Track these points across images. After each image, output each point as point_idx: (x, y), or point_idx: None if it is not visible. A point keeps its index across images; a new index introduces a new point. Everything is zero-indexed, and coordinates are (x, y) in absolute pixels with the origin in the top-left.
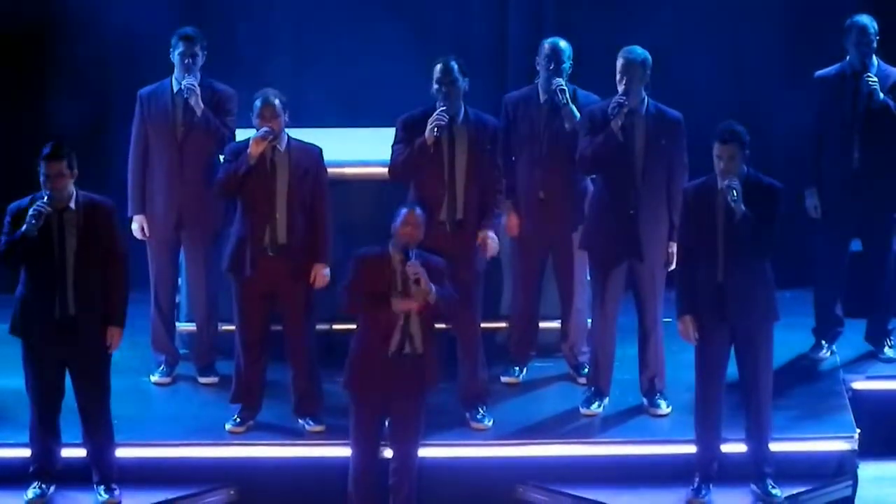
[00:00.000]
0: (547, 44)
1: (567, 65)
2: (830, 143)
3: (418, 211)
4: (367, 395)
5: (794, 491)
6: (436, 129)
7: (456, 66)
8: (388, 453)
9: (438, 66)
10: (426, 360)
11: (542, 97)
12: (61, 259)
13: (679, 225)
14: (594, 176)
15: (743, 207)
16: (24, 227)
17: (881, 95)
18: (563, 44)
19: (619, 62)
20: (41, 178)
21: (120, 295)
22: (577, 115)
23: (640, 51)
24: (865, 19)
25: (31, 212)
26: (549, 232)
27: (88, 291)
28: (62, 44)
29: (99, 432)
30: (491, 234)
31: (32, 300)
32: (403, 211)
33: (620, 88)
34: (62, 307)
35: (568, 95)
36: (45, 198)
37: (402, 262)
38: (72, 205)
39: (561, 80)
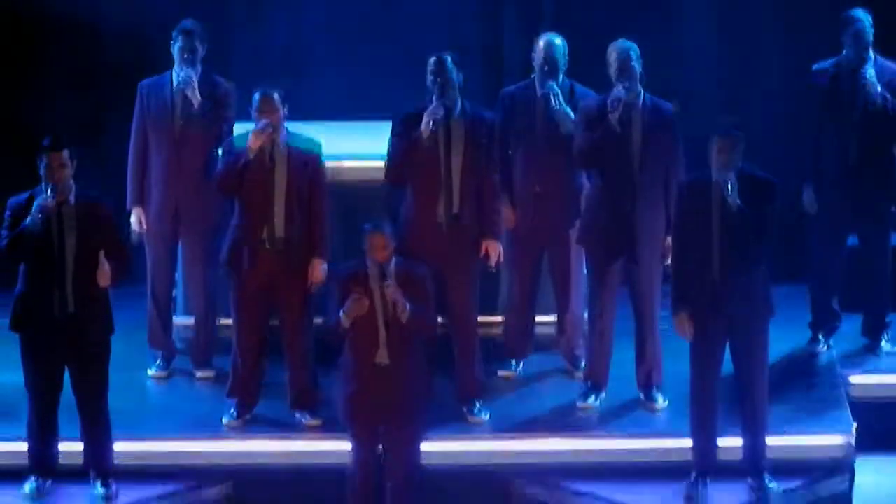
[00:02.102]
0: (542, 41)
1: (563, 62)
2: (827, 138)
3: (383, 230)
4: (361, 409)
5: (791, 485)
6: (432, 123)
7: (449, 59)
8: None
9: (432, 60)
10: (414, 371)
11: (538, 92)
12: (61, 255)
13: (674, 220)
14: (591, 171)
15: (738, 201)
16: (27, 220)
17: (878, 89)
18: (558, 41)
19: (613, 55)
20: (42, 171)
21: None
22: (573, 116)
23: (629, 43)
24: (862, 13)
25: (35, 205)
26: (545, 226)
27: (87, 287)
28: (61, 36)
29: (96, 427)
30: (497, 245)
31: (32, 296)
32: (366, 234)
33: (619, 82)
34: (62, 303)
35: (562, 99)
36: (49, 191)
37: (381, 280)
38: (70, 199)
39: (554, 83)
